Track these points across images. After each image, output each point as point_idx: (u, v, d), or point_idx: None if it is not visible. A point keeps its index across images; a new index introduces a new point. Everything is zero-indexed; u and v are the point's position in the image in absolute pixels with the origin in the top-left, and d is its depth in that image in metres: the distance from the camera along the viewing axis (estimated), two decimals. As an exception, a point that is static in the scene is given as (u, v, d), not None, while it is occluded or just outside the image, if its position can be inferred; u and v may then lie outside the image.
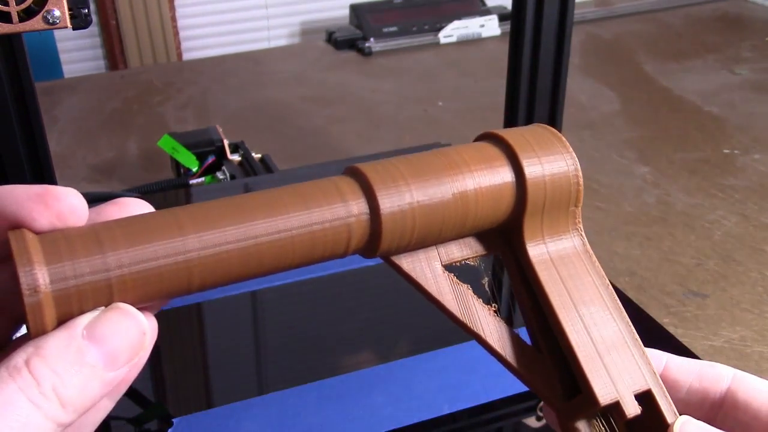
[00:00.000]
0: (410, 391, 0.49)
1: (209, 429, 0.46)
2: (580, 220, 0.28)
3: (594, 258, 0.28)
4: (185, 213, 0.23)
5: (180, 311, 0.56)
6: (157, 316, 0.25)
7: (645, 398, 0.25)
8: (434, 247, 0.27)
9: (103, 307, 0.22)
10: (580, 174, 0.27)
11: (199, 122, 1.13)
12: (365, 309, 0.58)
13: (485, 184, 0.26)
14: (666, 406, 0.25)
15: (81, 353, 0.21)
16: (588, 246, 0.28)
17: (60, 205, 0.23)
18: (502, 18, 1.47)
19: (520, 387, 0.49)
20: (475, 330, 0.26)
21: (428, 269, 0.27)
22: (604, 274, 0.27)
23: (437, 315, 0.27)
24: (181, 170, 0.89)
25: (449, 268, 0.27)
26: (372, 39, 1.41)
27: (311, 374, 0.49)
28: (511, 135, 0.27)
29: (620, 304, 0.27)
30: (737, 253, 0.80)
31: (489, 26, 1.47)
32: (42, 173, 0.54)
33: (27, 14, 0.42)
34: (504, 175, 0.26)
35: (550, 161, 0.26)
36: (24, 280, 0.21)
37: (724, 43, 1.42)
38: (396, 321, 0.57)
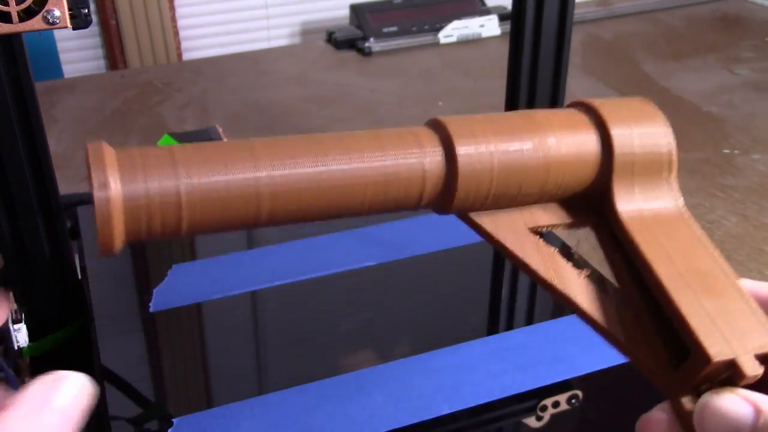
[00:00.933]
0: (410, 391, 0.49)
1: (209, 429, 0.46)
2: (678, 188, 0.26)
3: (695, 224, 0.25)
4: (261, 143, 0.23)
5: (180, 311, 0.56)
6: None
7: None
8: (517, 210, 0.25)
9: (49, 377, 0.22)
10: (674, 147, 0.25)
11: (199, 122, 1.13)
12: (365, 309, 0.58)
13: (569, 144, 0.25)
14: None
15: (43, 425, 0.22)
16: (688, 214, 0.25)
17: None
18: (502, 18, 1.47)
19: (519, 387, 0.49)
20: (565, 291, 0.24)
21: (510, 228, 0.25)
22: (708, 238, 0.25)
23: (437, 315, 0.27)
24: (181, 170, 0.89)
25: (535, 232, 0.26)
26: (372, 39, 1.41)
27: (311, 374, 0.49)
28: (603, 103, 0.26)
29: (729, 266, 0.24)
30: (737, 253, 0.80)
31: (489, 26, 1.47)
32: (42, 173, 0.54)
33: (27, 14, 0.42)
34: (589, 138, 0.25)
35: (641, 129, 0.25)
36: (96, 178, 0.21)
37: (724, 43, 1.42)
38: (396, 321, 0.57)
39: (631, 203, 0.25)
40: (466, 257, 0.62)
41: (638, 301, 0.24)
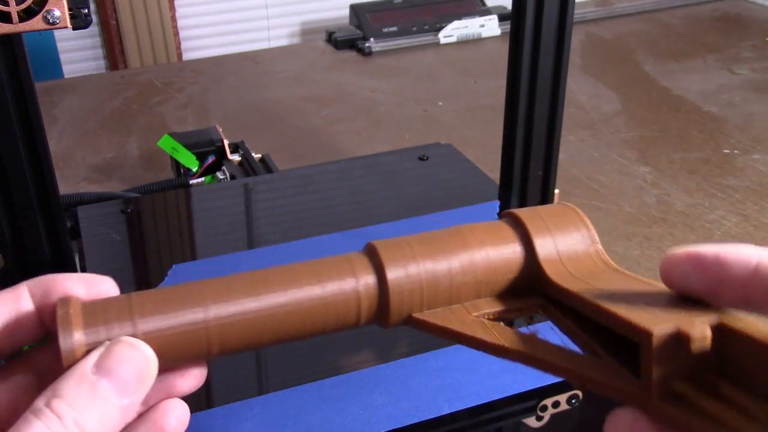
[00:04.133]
0: (410, 391, 0.49)
1: (209, 429, 0.46)
2: (605, 255, 0.28)
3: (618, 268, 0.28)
4: (209, 286, 0.26)
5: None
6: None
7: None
8: (459, 305, 0.28)
9: (107, 342, 0.24)
10: (598, 247, 0.28)
11: (199, 122, 1.13)
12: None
13: (496, 258, 0.27)
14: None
15: (94, 387, 0.23)
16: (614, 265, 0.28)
17: (97, 289, 0.27)
18: (502, 18, 1.47)
19: (520, 387, 0.49)
20: (532, 353, 0.26)
21: (455, 318, 0.27)
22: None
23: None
24: (181, 170, 0.89)
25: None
26: (372, 39, 1.42)
27: (311, 374, 0.49)
28: (528, 215, 0.28)
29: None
30: (737, 253, 0.80)
31: (489, 26, 1.47)
32: (42, 173, 0.54)
33: (27, 14, 0.42)
34: (515, 250, 0.27)
35: (565, 237, 0.28)
36: (63, 341, 0.24)
37: (724, 43, 1.42)
38: (396, 321, 0.57)
39: (563, 276, 0.27)
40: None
41: (592, 344, 0.26)
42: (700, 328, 0.22)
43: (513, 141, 0.68)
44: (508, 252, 0.28)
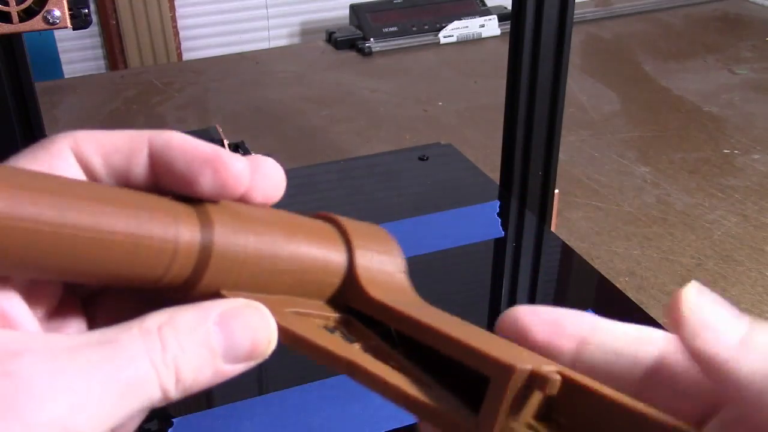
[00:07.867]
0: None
1: (209, 429, 0.46)
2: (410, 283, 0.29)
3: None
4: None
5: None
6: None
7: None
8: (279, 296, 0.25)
9: (242, 300, 0.22)
10: (406, 276, 0.28)
11: (199, 122, 1.13)
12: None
13: (319, 257, 0.25)
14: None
15: (208, 336, 0.22)
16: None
17: (227, 174, 0.22)
18: (502, 18, 1.47)
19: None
20: (344, 354, 0.24)
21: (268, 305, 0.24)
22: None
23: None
24: (181, 170, 0.89)
25: None
26: (372, 39, 1.42)
27: (311, 374, 0.49)
28: (348, 221, 0.27)
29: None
30: (737, 253, 0.80)
31: (489, 26, 1.47)
32: (42, 173, 0.54)
33: (27, 14, 0.42)
34: (338, 253, 0.26)
35: (381, 255, 0.27)
36: None
37: (724, 43, 1.42)
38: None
39: (378, 289, 0.26)
40: (466, 257, 0.62)
41: (415, 370, 0.24)
42: (553, 372, 0.21)
43: (513, 141, 0.68)
44: (331, 254, 0.26)
